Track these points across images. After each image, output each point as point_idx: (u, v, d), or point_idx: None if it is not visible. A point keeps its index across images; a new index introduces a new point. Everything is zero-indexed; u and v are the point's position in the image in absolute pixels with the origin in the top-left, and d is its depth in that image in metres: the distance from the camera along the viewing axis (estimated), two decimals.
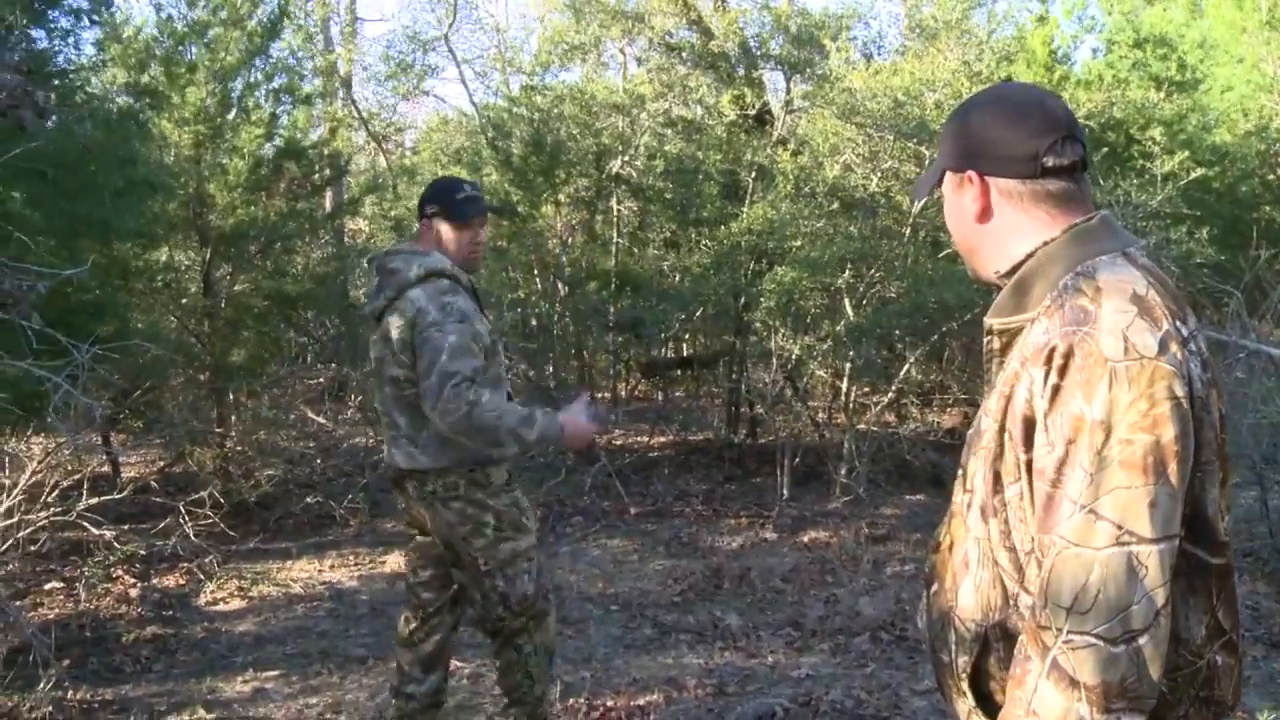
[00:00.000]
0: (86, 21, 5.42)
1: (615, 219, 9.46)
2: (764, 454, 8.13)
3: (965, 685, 1.54)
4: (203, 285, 7.66)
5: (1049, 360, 1.37)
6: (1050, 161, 1.52)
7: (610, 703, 4.26)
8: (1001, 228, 1.55)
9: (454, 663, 4.78)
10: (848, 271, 7.38)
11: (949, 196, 1.63)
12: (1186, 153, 8.56)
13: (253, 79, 8.08)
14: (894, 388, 7.87)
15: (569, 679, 4.51)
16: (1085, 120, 8.43)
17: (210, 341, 7.65)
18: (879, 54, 9.42)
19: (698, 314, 8.69)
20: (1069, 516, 1.32)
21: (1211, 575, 1.43)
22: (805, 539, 6.66)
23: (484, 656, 4.87)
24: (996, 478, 1.46)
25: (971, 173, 1.55)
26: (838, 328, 7.31)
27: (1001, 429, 1.45)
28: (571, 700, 4.30)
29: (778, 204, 7.35)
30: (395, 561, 6.48)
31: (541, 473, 7.81)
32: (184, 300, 7.76)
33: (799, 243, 7.29)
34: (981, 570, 1.50)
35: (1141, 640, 1.31)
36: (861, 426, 7.87)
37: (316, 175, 8.90)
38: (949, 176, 1.61)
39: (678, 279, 8.55)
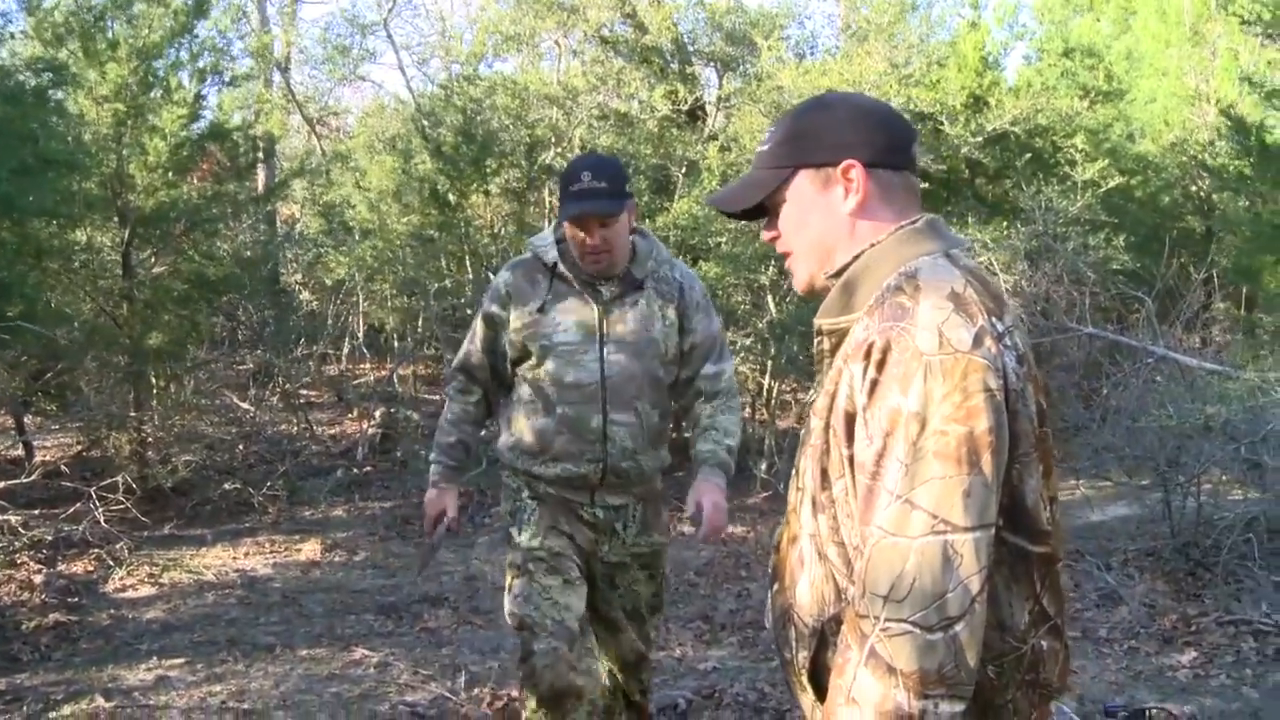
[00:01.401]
0: None
1: (547, 210, 9.45)
2: (686, 449, 8.16)
3: (805, 680, 1.56)
4: (122, 267, 7.53)
5: (867, 355, 1.39)
6: (916, 155, 1.56)
7: (514, 693, 4.27)
8: (867, 224, 1.53)
9: (362, 651, 4.79)
10: (771, 268, 7.43)
11: (806, 196, 1.55)
12: (1107, 161, 8.76)
13: (178, 58, 7.95)
14: (814, 385, 7.95)
15: (475, 669, 4.51)
16: (1011, 126, 8.60)
17: (128, 324, 7.52)
18: (812, 54, 9.49)
19: None
20: (885, 506, 1.35)
21: (1033, 563, 1.46)
22: (722, 534, 6.70)
23: (392, 646, 4.87)
24: (824, 474, 1.48)
25: (852, 162, 1.51)
26: (761, 324, 7.37)
27: (827, 426, 1.47)
28: (476, 689, 4.29)
29: (702, 199, 7.39)
30: (311, 549, 6.44)
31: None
32: (101, 282, 7.61)
33: (724, 239, 7.33)
34: (815, 566, 1.52)
35: (958, 627, 1.33)
36: (783, 423, 7.94)
37: (243, 157, 8.77)
38: (808, 175, 1.55)
39: None
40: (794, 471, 1.60)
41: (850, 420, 1.42)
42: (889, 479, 1.35)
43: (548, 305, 2.98)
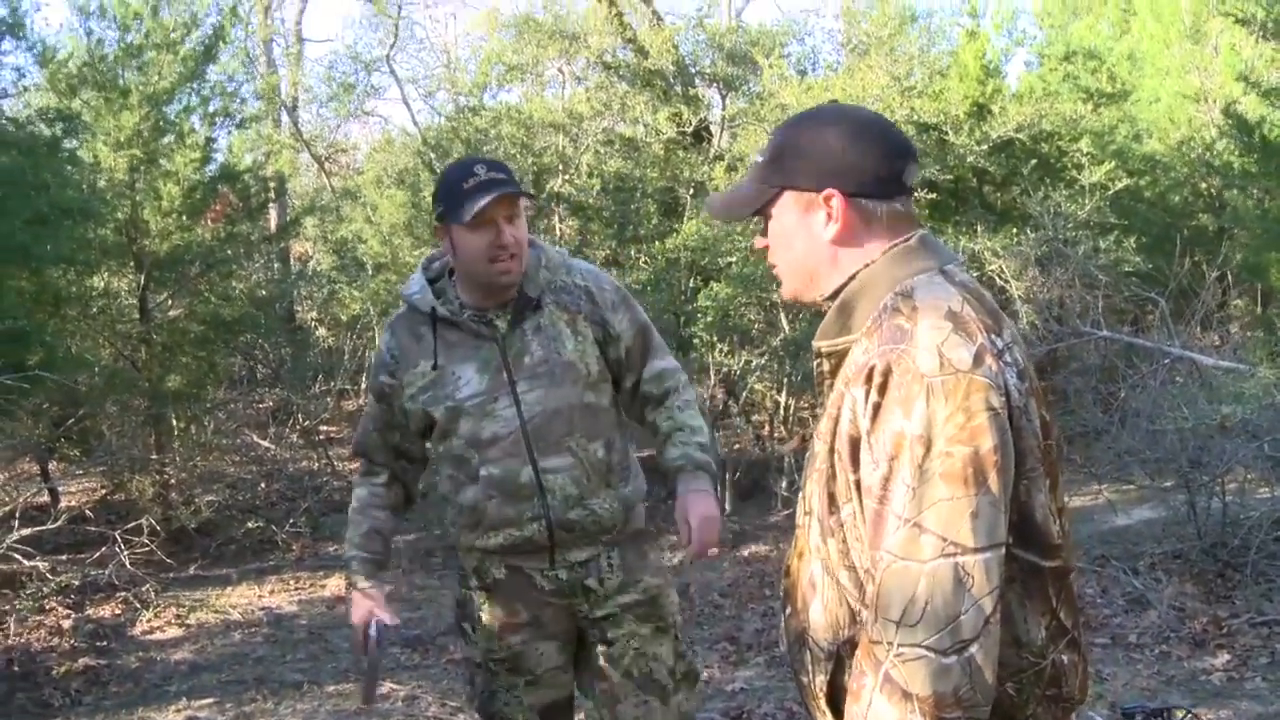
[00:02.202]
0: (7, 45, 5.36)
1: (557, 239, 9.50)
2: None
3: (824, 704, 1.56)
4: (139, 311, 7.60)
5: (869, 379, 1.39)
6: (909, 181, 1.55)
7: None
8: (852, 251, 1.53)
9: (390, 685, 4.80)
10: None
11: (791, 216, 1.56)
12: (1114, 163, 8.75)
13: (189, 103, 8.05)
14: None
15: None
16: (1016, 133, 8.60)
17: (147, 367, 7.59)
18: (814, 70, 9.53)
19: None
20: (894, 531, 1.35)
21: (1046, 577, 1.46)
22: (745, 553, 6.70)
23: (420, 679, 4.88)
24: (831, 499, 1.48)
25: (832, 191, 1.51)
26: (775, 342, 7.38)
27: (831, 450, 1.47)
28: None
29: (711, 220, 7.41)
30: (335, 585, 6.46)
31: None
32: (119, 327, 7.68)
33: (734, 259, 7.35)
34: (828, 589, 1.52)
35: (972, 649, 1.33)
36: (787, 450, 7.94)
37: (254, 198, 8.85)
38: (793, 195, 1.55)
39: None
40: (800, 495, 1.61)
41: (855, 445, 1.42)
42: (896, 503, 1.35)
43: (439, 360, 2.54)
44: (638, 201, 8.17)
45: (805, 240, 1.56)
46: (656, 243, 7.55)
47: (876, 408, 1.38)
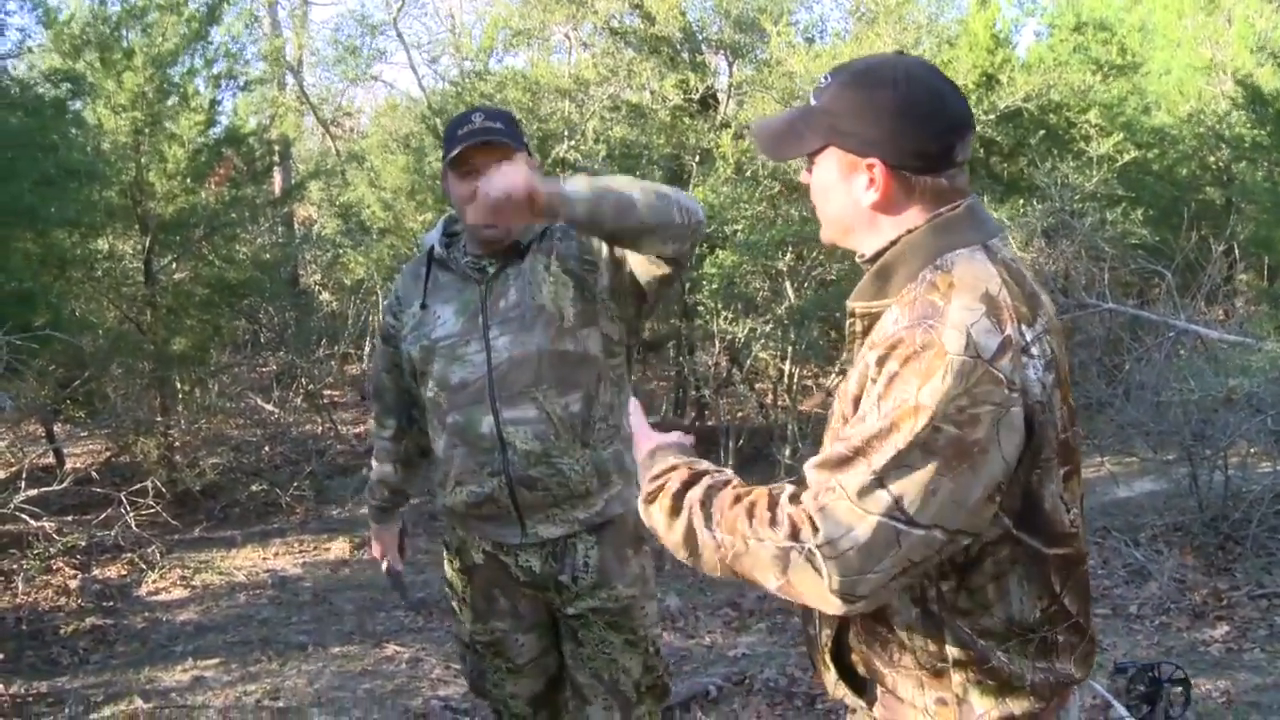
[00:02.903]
0: (11, 6, 5.33)
1: None
2: (710, 437, 8.19)
3: (828, 658, 1.60)
4: (144, 274, 7.60)
5: (892, 348, 1.39)
6: (959, 157, 1.50)
7: None
8: (892, 218, 1.52)
9: (394, 647, 4.84)
10: (789, 254, 7.44)
11: (833, 172, 1.54)
12: (1122, 135, 8.71)
13: (193, 65, 8.01)
14: (838, 369, 7.96)
15: None
16: (1024, 103, 8.56)
17: (152, 330, 7.60)
18: (821, 38, 9.48)
19: None
20: (859, 473, 1.35)
21: (1049, 564, 1.47)
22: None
23: (423, 642, 4.91)
24: None
25: (875, 161, 1.48)
26: (780, 310, 7.38)
27: (842, 410, 1.49)
28: None
29: (718, 187, 7.40)
30: (340, 548, 6.50)
31: None
32: (124, 289, 7.68)
33: (740, 226, 7.34)
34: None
35: (858, 605, 1.37)
36: (805, 408, 7.95)
37: (259, 161, 8.83)
38: (837, 153, 1.52)
39: None
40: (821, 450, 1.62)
41: (859, 403, 1.43)
42: (877, 458, 1.35)
43: (428, 298, 2.49)
44: (644, 168, 8.14)
45: (845, 199, 1.54)
46: None
47: (893, 376, 1.38)
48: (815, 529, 1.36)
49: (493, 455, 2.39)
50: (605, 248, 2.37)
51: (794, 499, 1.40)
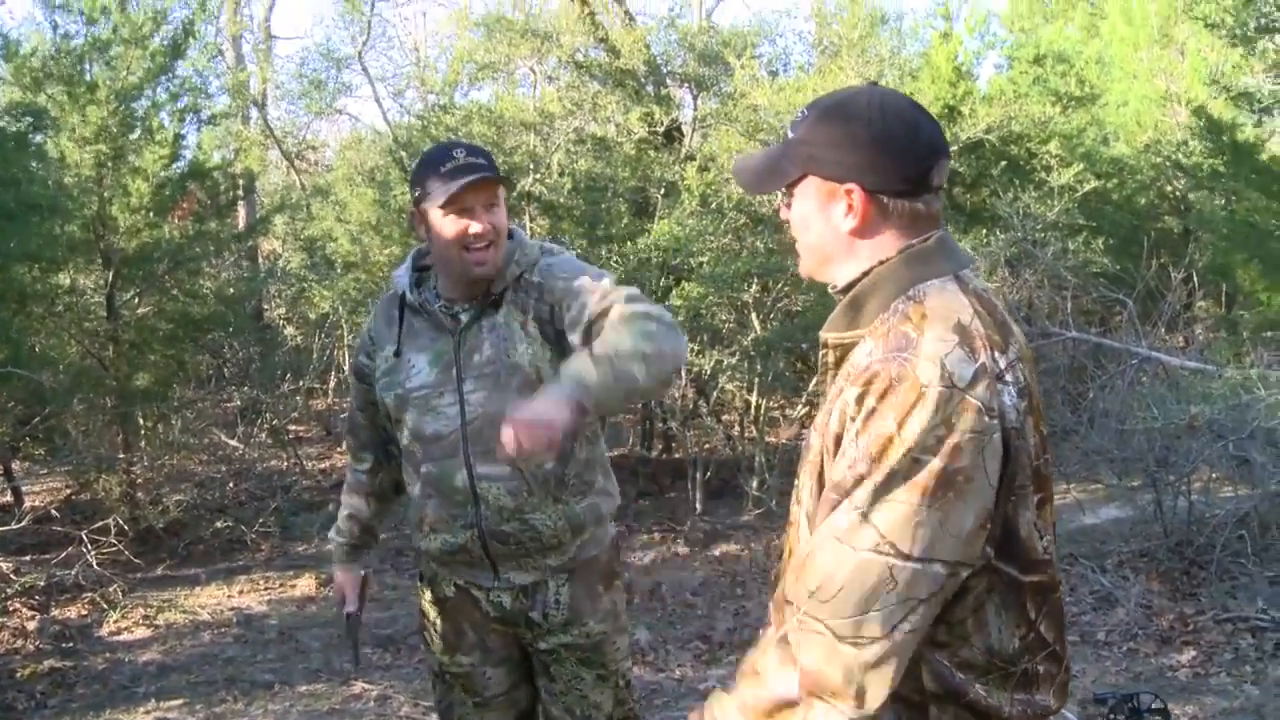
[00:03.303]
0: None
1: (527, 235, 9.46)
2: (678, 469, 8.19)
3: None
4: (106, 308, 7.51)
5: (868, 383, 1.40)
6: (936, 181, 1.52)
7: None
8: (869, 244, 1.52)
9: (362, 685, 4.78)
10: (754, 286, 7.47)
11: (811, 202, 1.55)
12: (1082, 165, 8.82)
13: (157, 98, 7.97)
14: (805, 400, 7.98)
15: None
16: (985, 134, 8.66)
17: (114, 365, 7.50)
18: (785, 71, 9.56)
19: None
20: (843, 513, 1.37)
21: (1025, 592, 1.47)
22: (717, 552, 6.72)
23: (391, 679, 4.86)
24: (822, 489, 1.49)
25: (854, 186, 1.50)
26: (746, 342, 7.40)
27: (824, 444, 1.49)
28: None
29: (683, 220, 7.43)
30: (306, 585, 6.42)
31: None
32: (86, 324, 7.59)
33: (706, 258, 7.37)
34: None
35: (871, 649, 1.35)
36: (772, 439, 7.96)
37: (223, 195, 8.77)
38: (815, 182, 1.54)
39: None
40: (795, 484, 1.62)
41: (839, 442, 1.43)
42: (858, 495, 1.37)
43: (402, 345, 2.48)
44: (609, 201, 8.17)
45: (823, 227, 1.56)
46: (628, 242, 7.55)
47: (871, 412, 1.38)
48: (800, 584, 1.37)
49: (465, 509, 2.42)
50: (580, 331, 2.32)
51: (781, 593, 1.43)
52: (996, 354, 1.42)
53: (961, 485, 1.35)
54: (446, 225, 2.35)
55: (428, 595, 2.61)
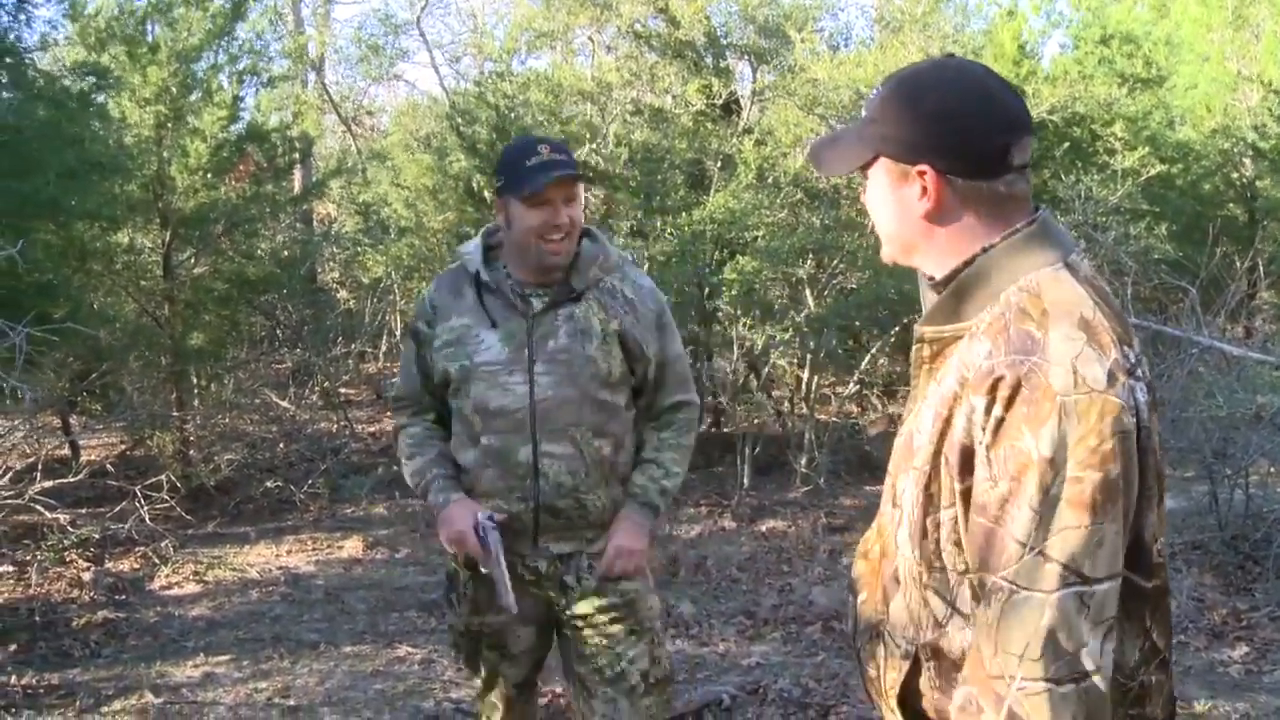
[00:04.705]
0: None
1: (583, 207, 9.44)
2: (727, 443, 8.16)
3: (894, 702, 1.53)
4: (163, 268, 7.61)
5: (993, 390, 1.31)
6: (1017, 160, 1.41)
7: (558, 689, 4.28)
8: (950, 230, 1.44)
9: (406, 648, 4.82)
10: (809, 262, 7.40)
11: (884, 184, 1.48)
12: (1147, 149, 8.64)
13: (217, 60, 8.03)
14: (856, 378, 7.92)
15: None
16: (1049, 115, 8.51)
17: (170, 324, 7.60)
18: (846, 46, 9.45)
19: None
20: (1018, 559, 1.29)
21: (1146, 600, 1.41)
22: (763, 528, 6.69)
23: (436, 643, 4.89)
24: (930, 500, 1.42)
25: (925, 167, 1.42)
26: (799, 318, 7.34)
27: (937, 452, 1.40)
28: None
29: (739, 193, 7.36)
30: (353, 547, 6.48)
31: None
32: (143, 283, 7.69)
33: (761, 233, 7.31)
34: (912, 589, 1.47)
35: (1094, 679, 1.29)
36: (823, 417, 7.91)
37: (280, 158, 8.84)
38: (887, 163, 1.46)
39: (646, 267, 8.56)
40: (889, 486, 1.55)
41: (967, 455, 1.35)
42: (1016, 527, 1.29)
43: (472, 320, 2.59)
44: (665, 173, 8.11)
45: (899, 211, 1.48)
46: (683, 214, 7.50)
47: (1000, 422, 1.30)
48: (1003, 655, 1.30)
49: (524, 482, 2.56)
50: (659, 358, 2.66)
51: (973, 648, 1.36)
52: (1125, 348, 1.34)
53: (1124, 489, 1.29)
54: (528, 216, 2.50)
55: (462, 558, 2.65)
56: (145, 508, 6.16)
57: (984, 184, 1.42)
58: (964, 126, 1.41)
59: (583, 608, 2.64)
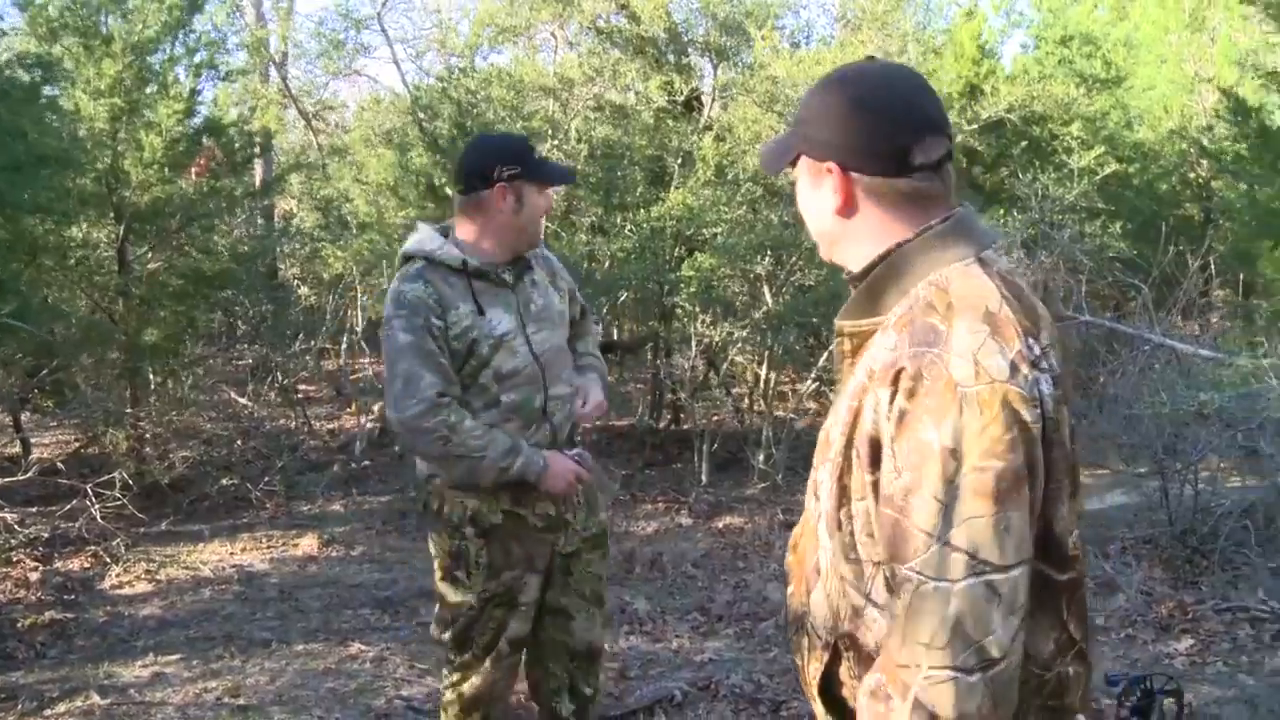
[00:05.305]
0: None
1: None
2: (685, 440, 8.18)
3: (815, 691, 1.55)
4: (117, 263, 7.51)
5: (896, 381, 1.33)
6: (918, 160, 1.43)
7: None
8: (861, 225, 1.47)
9: (358, 646, 4.79)
10: (768, 259, 7.42)
11: (804, 182, 1.53)
12: (1104, 148, 8.73)
13: (173, 53, 7.93)
14: (814, 375, 7.94)
15: None
16: (1007, 114, 8.58)
17: (125, 320, 7.51)
18: (807, 43, 9.47)
19: (623, 299, 8.69)
20: (925, 549, 1.30)
21: (1060, 591, 1.42)
22: (720, 525, 6.70)
23: (388, 640, 4.87)
24: (844, 492, 1.43)
25: (833, 165, 1.46)
26: (758, 315, 7.36)
27: (849, 445, 1.42)
28: None
29: (698, 190, 7.37)
30: (308, 544, 6.44)
31: None
32: (97, 278, 7.59)
33: (720, 229, 7.32)
34: (831, 579, 1.48)
35: (1000, 666, 1.30)
36: (781, 413, 7.93)
37: (239, 153, 8.75)
38: (806, 161, 1.51)
39: (607, 264, 8.56)
40: (811, 480, 1.57)
41: (875, 446, 1.36)
42: (920, 517, 1.30)
43: (473, 303, 2.86)
44: (625, 169, 8.11)
45: (816, 208, 1.53)
46: (642, 211, 7.50)
47: (903, 414, 1.32)
48: (911, 645, 1.31)
49: (539, 426, 2.97)
50: (577, 299, 3.24)
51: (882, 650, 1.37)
52: (1030, 340, 1.35)
53: (1027, 479, 1.30)
54: (539, 202, 2.93)
55: (468, 531, 2.90)
56: (97, 506, 6.09)
57: (889, 181, 1.45)
58: (867, 126, 1.44)
59: (575, 544, 3.06)
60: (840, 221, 1.49)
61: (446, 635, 3.02)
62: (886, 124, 1.44)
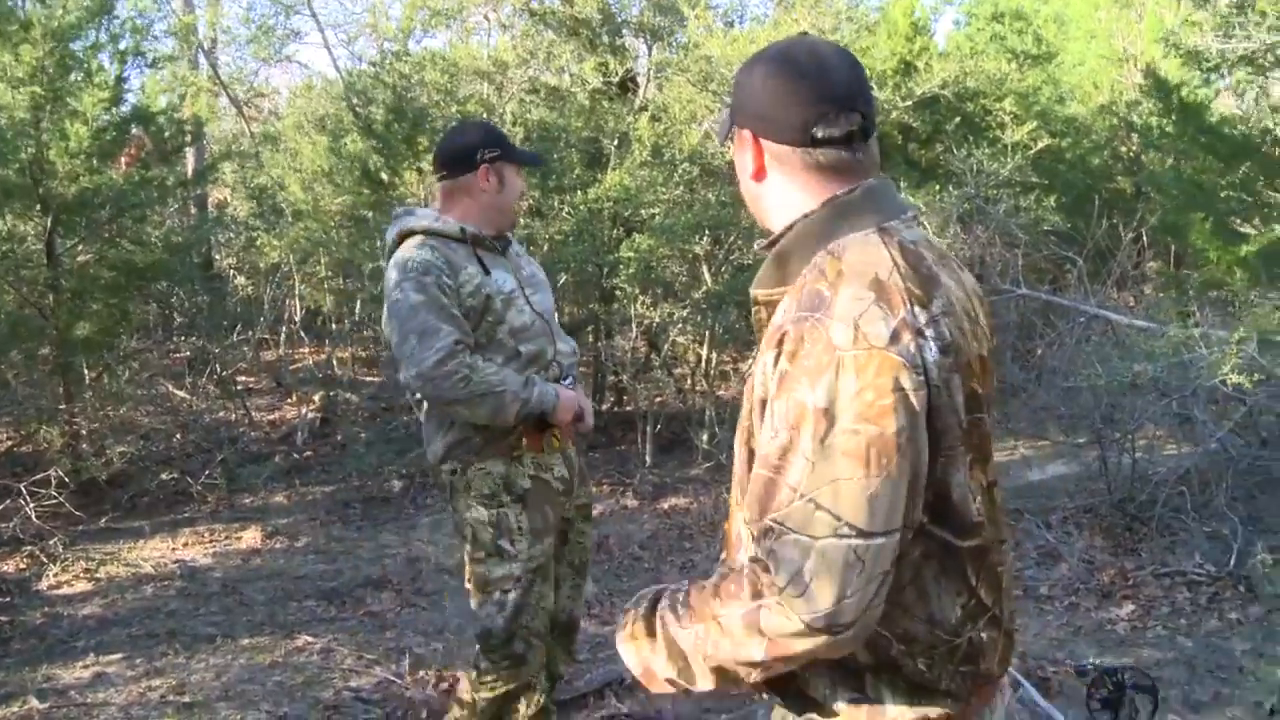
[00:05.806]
0: None
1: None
2: (628, 422, 8.18)
3: None
4: (46, 256, 7.33)
5: (779, 344, 1.35)
6: (820, 133, 1.45)
7: (459, 674, 4.25)
8: (772, 191, 1.52)
9: (305, 638, 4.74)
10: (706, 239, 7.43)
11: (735, 152, 1.57)
12: (1036, 123, 8.83)
13: (97, 39, 7.73)
14: (754, 355, 7.97)
15: (420, 651, 4.49)
16: (941, 90, 8.64)
17: (55, 314, 7.33)
18: (740, 22, 9.47)
19: (562, 282, 8.66)
20: (789, 503, 1.31)
21: (963, 557, 1.43)
22: (665, 506, 6.72)
23: (335, 631, 4.83)
24: (750, 455, 1.45)
25: (747, 132, 1.52)
26: (698, 295, 7.37)
27: (750, 410, 1.45)
28: (421, 671, 4.27)
29: (635, 171, 7.35)
30: (252, 537, 6.36)
31: (403, 443, 7.71)
32: (24, 272, 7.40)
33: (657, 210, 7.30)
34: (746, 544, 1.48)
35: (848, 633, 1.31)
36: (723, 393, 7.96)
37: (169, 142, 8.57)
38: (736, 131, 1.56)
39: (545, 247, 8.51)
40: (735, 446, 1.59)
41: (765, 408, 1.38)
42: (792, 474, 1.31)
43: (478, 267, 3.03)
44: (561, 151, 8.06)
45: (741, 171, 1.57)
46: (579, 193, 7.47)
47: (783, 375, 1.33)
48: (772, 578, 1.32)
49: (550, 375, 3.12)
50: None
51: (753, 560, 1.36)
52: (917, 308, 1.36)
53: (904, 446, 1.30)
54: (518, 182, 3.13)
55: (505, 498, 2.99)
56: (32, 505, 5.97)
57: (795, 151, 1.48)
58: (774, 96, 1.48)
59: (570, 512, 3.20)
60: (754, 185, 1.55)
61: (500, 623, 3.00)
62: (790, 95, 1.47)
